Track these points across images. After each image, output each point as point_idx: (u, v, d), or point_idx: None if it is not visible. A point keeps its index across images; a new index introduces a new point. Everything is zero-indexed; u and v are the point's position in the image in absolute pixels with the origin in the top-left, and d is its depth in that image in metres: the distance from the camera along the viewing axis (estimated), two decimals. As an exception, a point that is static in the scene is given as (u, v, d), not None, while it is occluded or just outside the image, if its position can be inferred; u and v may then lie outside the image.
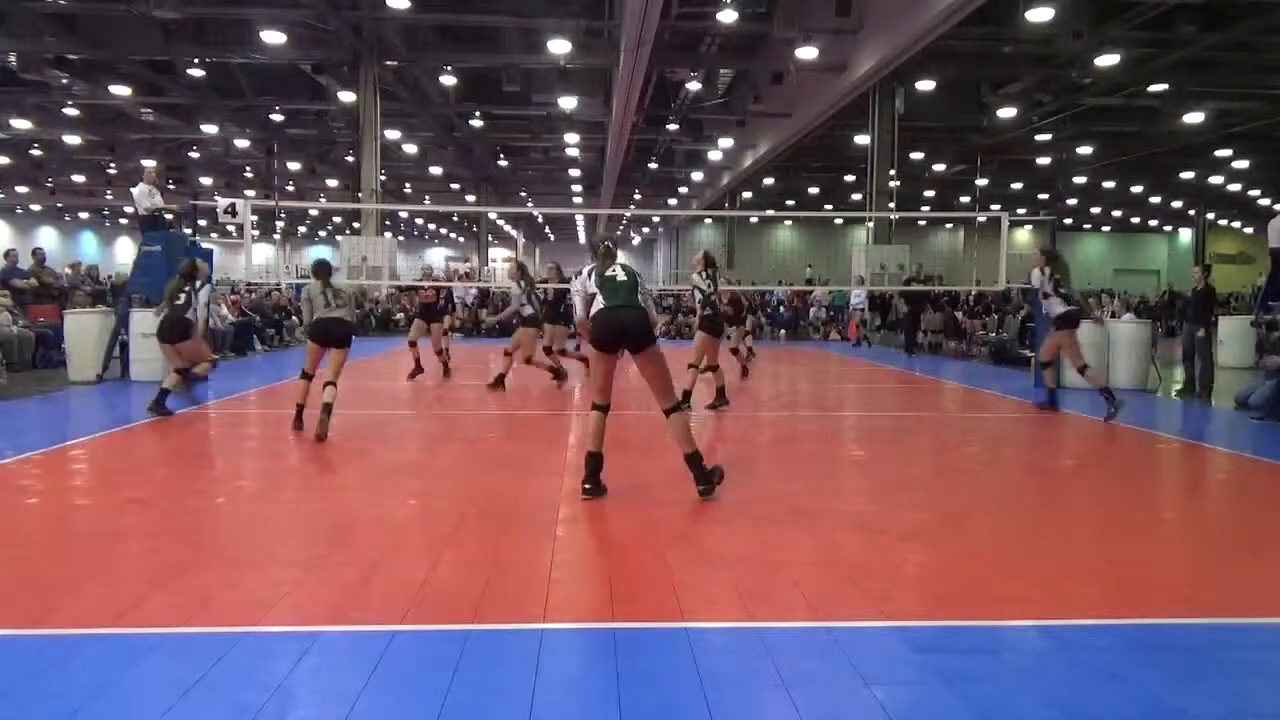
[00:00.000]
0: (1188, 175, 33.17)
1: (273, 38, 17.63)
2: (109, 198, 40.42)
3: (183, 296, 8.24)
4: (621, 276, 5.20)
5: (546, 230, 57.82)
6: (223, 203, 12.61)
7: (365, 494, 5.33)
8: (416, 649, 3.05)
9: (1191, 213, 43.15)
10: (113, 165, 33.32)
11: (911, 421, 9.34)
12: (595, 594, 3.62)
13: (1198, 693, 2.78)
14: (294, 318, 19.54)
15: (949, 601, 3.63)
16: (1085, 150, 28.49)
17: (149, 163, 14.45)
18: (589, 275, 5.29)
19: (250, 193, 36.13)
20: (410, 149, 30.04)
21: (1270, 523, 5.07)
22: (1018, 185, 35.93)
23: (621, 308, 5.10)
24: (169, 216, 12.13)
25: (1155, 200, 40.92)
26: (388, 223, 24.82)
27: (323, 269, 7.62)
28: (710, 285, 8.78)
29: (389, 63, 20.60)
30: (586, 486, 5.15)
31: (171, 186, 32.09)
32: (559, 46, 17.90)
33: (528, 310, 10.44)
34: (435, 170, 34.98)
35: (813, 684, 2.80)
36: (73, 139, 28.33)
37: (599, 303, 5.13)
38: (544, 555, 4.09)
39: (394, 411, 9.15)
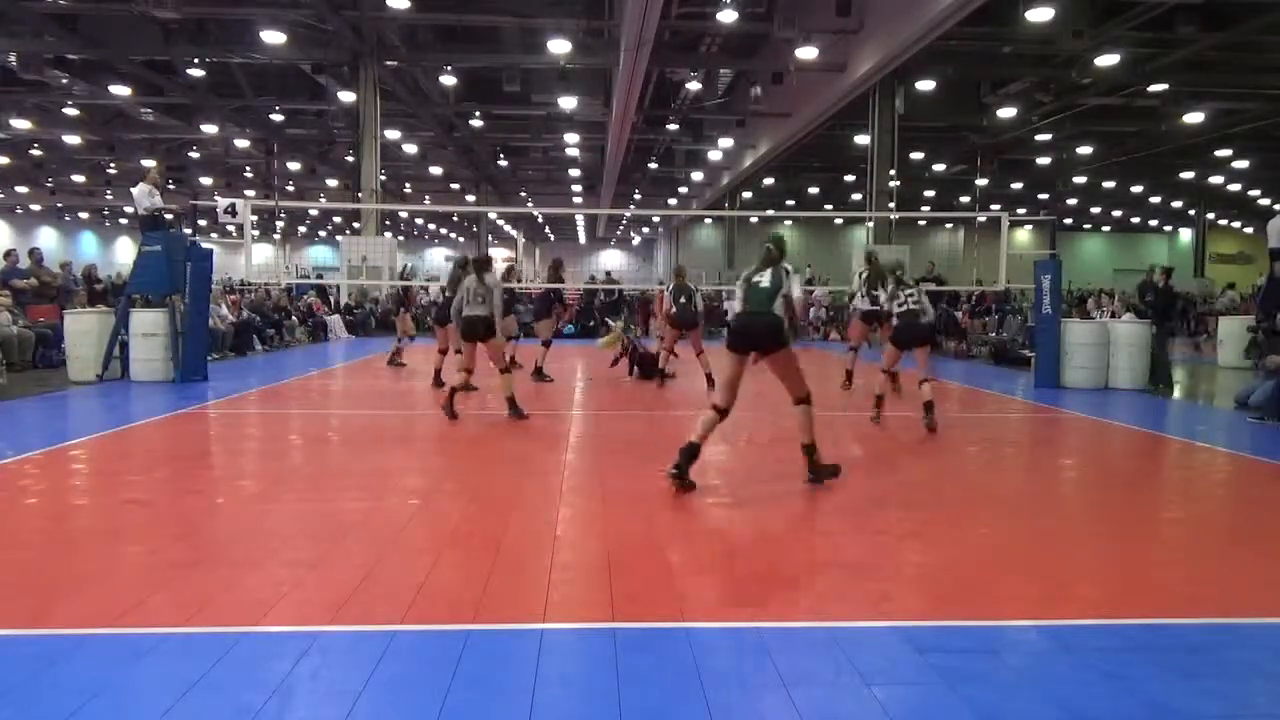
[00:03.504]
0: (1188, 175, 33.16)
1: (273, 38, 17.63)
2: (109, 198, 40.42)
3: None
4: (764, 283, 5.45)
5: (546, 230, 57.82)
6: (223, 203, 12.62)
7: (365, 494, 5.33)
8: (416, 649, 3.05)
9: (1191, 213, 43.16)
10: (113, 165, 33.33)
11: (911, 421, 9.33)
12: (595, 594, 3.62)
13: (1198, 693, 2.78)
14: (293, 318, 19.54)
15: (949, 601, 3.63)
16: (1085, 150, 28.49)
17: (149, 163, 14.48)
18: (743, 279, 5.63)
19: (250, 193, 36.13)
20: (410, 149, 30.05)
21: (1270, 523, 5.07)
22: (1018, 185, 35.91)
23: (754, 314, 5.43)
24: (169, 216, 12.12)
25: (1155, 200, 40.93)
26: (388, 223, 24.81)
27: (477, 264, 8.18)
28: (901, 290, 8.12)
29: (389, 63, 20.59)
30: (675, 470, 5.29)
31: (171, 186, 32.10)
32: (559, 46, 17.90)
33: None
34: (435, 170, 34.98)
35: (813, 684, 2.80)
36: (73, 139, 28.32)
37: (736, 307, 5.52)
38: (544, 555, 4.09)
39: (394, 411, 9.15)
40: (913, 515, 4.98)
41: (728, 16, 15.49)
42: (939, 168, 31.87)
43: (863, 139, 22.92)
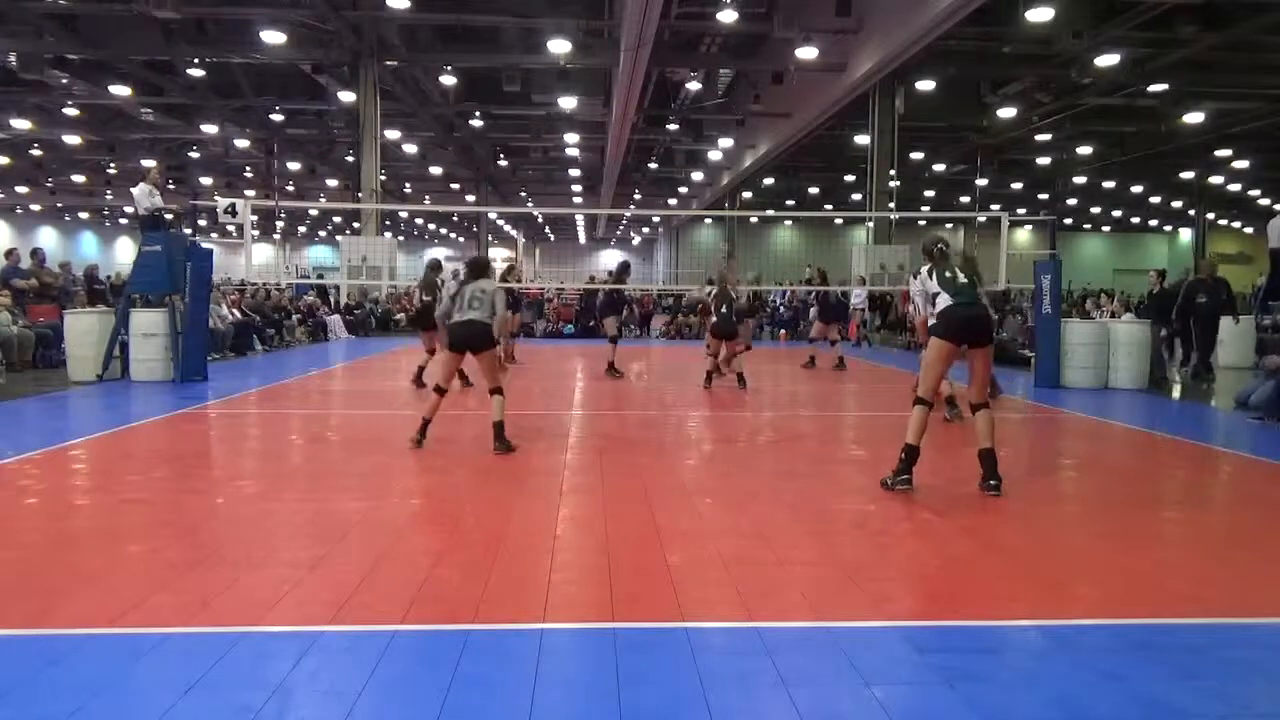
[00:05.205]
0: (1188, 175, 33.18)
1: (273, 38, 17.63)
2: (109, 198, 40.41)
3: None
4: (963, 278, 5.42)
5: (546, 230, 57.83)
6: (223, 203, 12.60)
7: (365, 494, 5.33)
8: (416, 649, 3.05)
9: (1191, 213, 43.15)
10: (113, 165, 33.32)
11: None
12: (595, 594, 3.62)
13: (1198, 693, 2.78)
14: (293, 317, 19.54)
15: (949, 601, 3.63)
16: (1085, 150, 28.50)
17: (149, 163, 14.46)
18: (929, 275, 5.53)
19: (250, 193, 36.11)
20: (410, 149, 30.04)
21: (1270, 523, 5.07)
22: (1018, 185, 35.93)
23: (972, 304, 5.38)
24: (169, 216, 12.12)
25: (1155, 200, 40.96)
26: (388, 223, 24.82)
27: (472, 267, 7.10)
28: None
29: (389, 63, 20.59)
30: (904, 478, 5.34)
31: (171, 186, 32.09)
32: (559, 46, 17.90)
33: None
34: (435, 170, 34.98)
35: (813, 684, 2.80)
36: (73, 139, 28.31)
37: (945, 300, 5.36)
38: (544, 555, 4.09)
39: (393, 411, 9.14)
40: (912, 515, 4.98)
41: (728, 16, 15.51)
42: (939, 168, 31.89)
43: (863, 139, 22.92)
